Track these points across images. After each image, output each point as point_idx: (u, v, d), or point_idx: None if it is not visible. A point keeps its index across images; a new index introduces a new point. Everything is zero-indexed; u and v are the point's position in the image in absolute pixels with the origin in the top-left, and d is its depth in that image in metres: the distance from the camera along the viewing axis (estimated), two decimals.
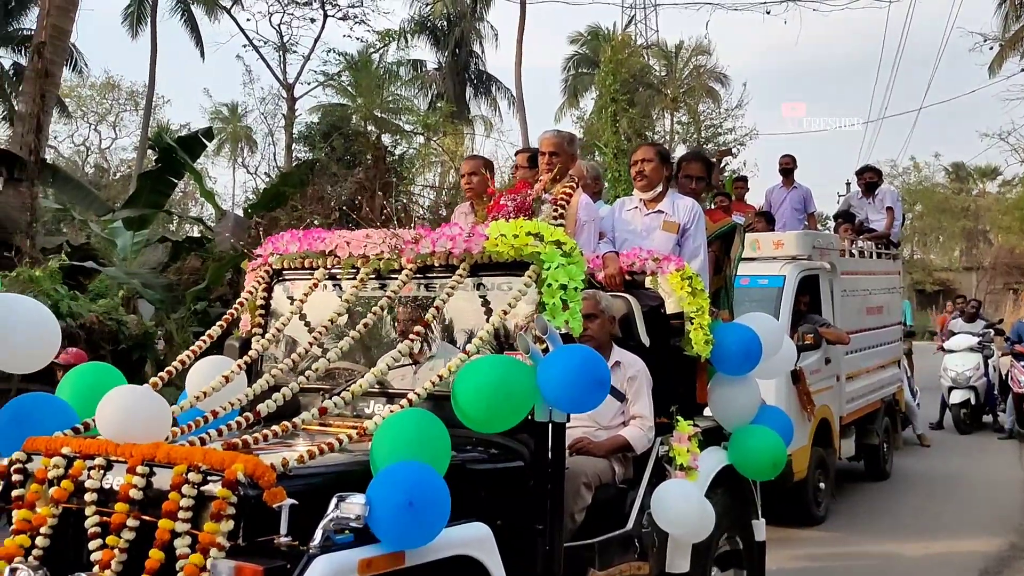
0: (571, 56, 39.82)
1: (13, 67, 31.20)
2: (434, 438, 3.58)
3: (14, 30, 30.72)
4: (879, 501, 9.29)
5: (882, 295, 10.28)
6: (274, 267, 5.03)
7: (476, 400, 3.86)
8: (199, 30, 32.90)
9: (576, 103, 39.06)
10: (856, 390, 9.19)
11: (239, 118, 37.99)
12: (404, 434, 3.55)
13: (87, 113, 35.50)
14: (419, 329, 4.34)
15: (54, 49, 13.97)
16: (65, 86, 31.20)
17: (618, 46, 33.07)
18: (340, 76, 34.76)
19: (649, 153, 5.71)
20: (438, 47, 37.04)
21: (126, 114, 36.08)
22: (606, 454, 4.88)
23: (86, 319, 9.46)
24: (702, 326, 5.13)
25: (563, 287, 4.31)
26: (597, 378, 3.92)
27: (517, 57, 32.56)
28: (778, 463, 5.34)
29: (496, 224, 4.52)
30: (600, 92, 32.55)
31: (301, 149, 32.02)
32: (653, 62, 38.14)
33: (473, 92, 38.56)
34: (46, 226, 20.94)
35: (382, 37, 34.40)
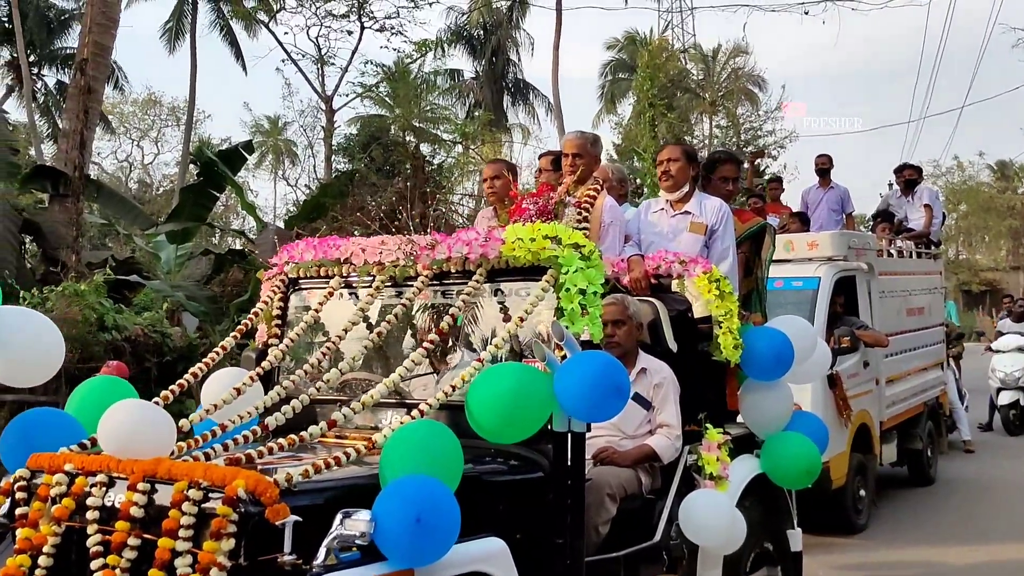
0: (608, 62, 39.62)
1: (57, 85, 31.65)
2: (445, 450, 3.42)
3: (57, 49, 31.16)
4: (923, 508, 8.96)
5: (923, 296, 9.95)
6: (290, 276, 4.90)
7: (490, 410, 3.71)
8: (239, 45, 33.12)
9: (614, 109, 38.92)
10: (897, 394, 8.88)
11: (279, 131, 38.20)
12: (413, 446, 3.39)
13: (130, 129, 35.96)
14: (433, 337, 4.19)
15: (96, 66, 14.15)
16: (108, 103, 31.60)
17: (655, 51, 32.89)
18: (378, 87, 34.86)
19: (675, 152, 5.51)
20: (475, 56, 36.97)
21: (168, 129, 36.54)
22: (632, 464, 4.69)
23: (131, 332, 9.51)
24: (731, 330, 4.94)
25: (582, 291, 4.14)
26: (616, 386, 3.74)
27: (554, 64, 32.42)
28: (812, 471, 5.12)
29: (513, 228, 4.36)
30: (638, 97, 32.36)
31: (341, 160, 32.16)
32: (690, 66, 37.90)
33: (511, 100, 38.44)
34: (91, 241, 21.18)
35: (419, 47, 34.49)
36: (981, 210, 45.51)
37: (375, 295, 4.53)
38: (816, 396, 7.18)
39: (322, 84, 34.33)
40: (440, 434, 3.45)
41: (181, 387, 4.27)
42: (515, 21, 37.05)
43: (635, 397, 4.82)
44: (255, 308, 4.81)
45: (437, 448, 3.40)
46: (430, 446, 3.38)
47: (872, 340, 7.97)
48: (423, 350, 4.13)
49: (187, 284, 13.04)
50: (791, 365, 5.07)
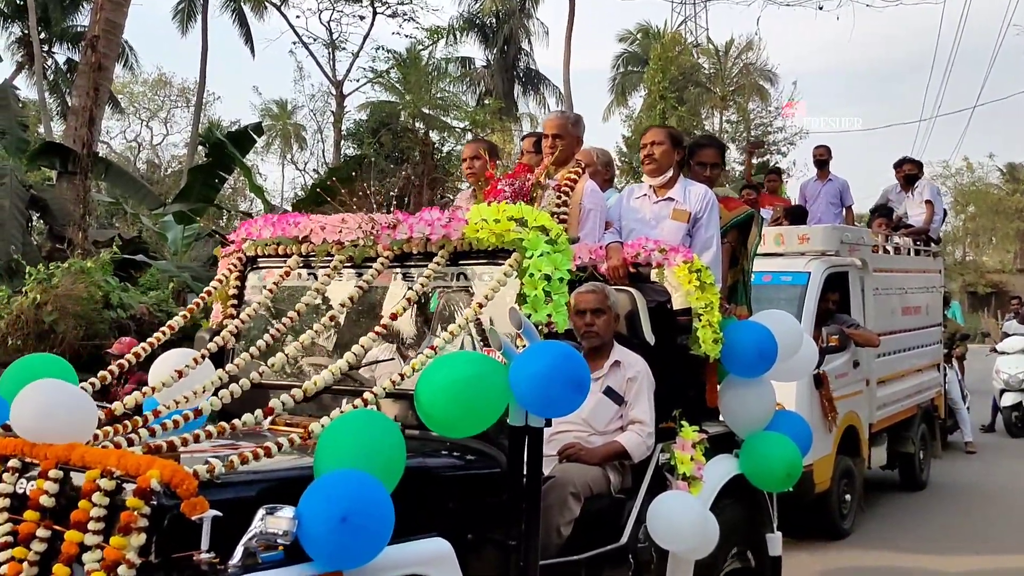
0: (620, 54, 39.28)
1: (67, 63, 31.41)
2: (382, 443, 3.10)
3: (68, 26, 30.86)
4: (911, 513, 8.62)
5: (920, 294, 9.58)
6: (247, 254, 4.61)
7: (439, 401, 3.41)
8: (249, 27, 32.83)
9: (624, 101, 38.65)
10: (888, 395, 8.53)
11: (288, 115, 37.90)
12: (347, 438, 3.08)
13: (139, 109, 35.62)
14: (386, 322, 3.89)
15: (107, 44, 14.09)
16: (117, 82, 31.34)
17: (668, 44, 32.58)
18: (389, 73, 34.59)
19: (659, 135, 5.19)
20: (487, 44, 36.70)
21: (177, 110, 36.22)
22: (600, 462, 4.38)
23: (136, 311, 9.43)
24: (711, 323, 4.62)
25: (547, 277, 3.84)
26: (573, 379, 3.42)
27: (566, 54, 32.17)
28: (793, 473, 4.82)
29: (477, 208, 4.06)
30: (649, 90, 32.11)
31: (350, 145, 31.97)
32: (702, 60, 37.56)
33: (521, 89, 38.14)
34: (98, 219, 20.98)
35: (431, 34, 34.23)
36: (989, 212, 44.98)
37: (332, 275, 4.25)
38: (801, 396, 6.86)
39: (333, 69, 34.16)
40: (379, 425, 3.15)
41: (121, 367, 4.00)
42: (528, 10, 36.77)
43: (607, 391, 4.54)
44: (208, 286, 4.52)
45: (374, 441, 3.08)
46: (366, 438, 3.07)
47: (863, 339, 7.63)
48: (374, 335, 3.83)
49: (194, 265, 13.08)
50: (774, 362, 4.77)
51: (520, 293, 3.83)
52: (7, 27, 31.04)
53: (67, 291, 8.90)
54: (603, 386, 4.54)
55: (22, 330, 8.72)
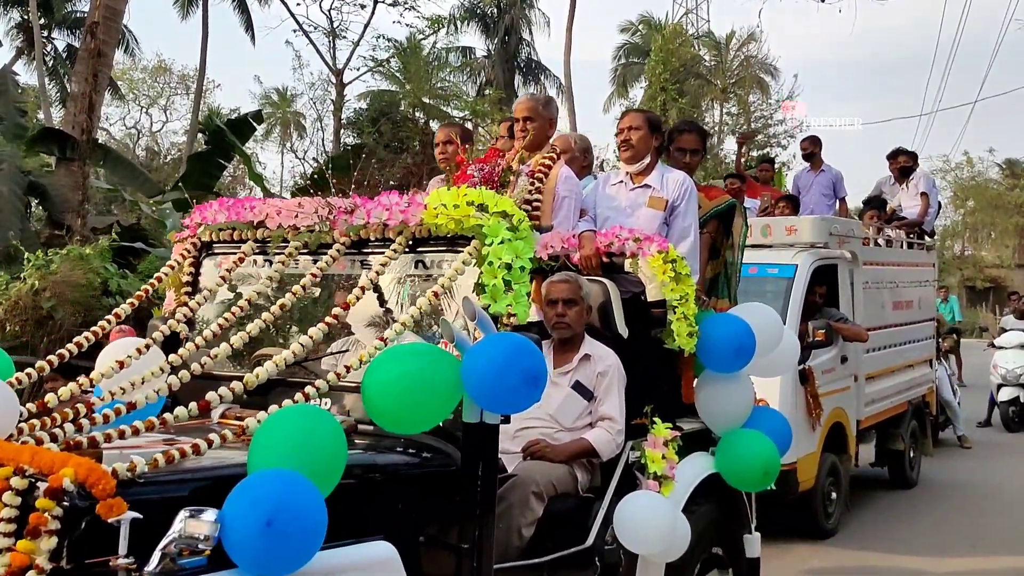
0: (621, 45, 38.97)
1: (67, 49, 31.19)
2: (320, 441, 2.88)
3: (68, 12, 30.63)
4: (900, 512, 8.38)
5: (912, 288, 9.32)
6: (202, 239, 4.39)
7: (386, 395, 3.20)
8: (250, 14, 32.56)
9: (625, 93, 38.37)
10: (877, 391, 8.28)
11: (288, 103, 37.63)
12: (281, 436, 2.86)
13: (139, 96, 35.31)
14: (337, 312, 3.66)
15: (107, 29, 13.96)
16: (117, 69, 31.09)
17: (669, 36, 32.32)
18: (389, 62, 34.36)
19: (636, 120, 4.95)
20: (487, 34, 36.42)
21: (177, 98, 35.91)
22: (566, 459, 4.16)
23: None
24: (686, 316, 4.39)
25: (507, 266, 3.61)
26: (528, 373, 3.20)
27: (566, 45, 31.95)
28: (770, 473, 4.60)
29: (437, 192, 3.83)
30: (650, 81, 31.86)
31: (349, 134, 31.75)
32: (703, 52, 37.29)
33: (522, 80, 37.81)
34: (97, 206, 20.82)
35: (432, 23, 34.00)
36: (989, 207, 44.66)
37: (287, 262, 4.02)
38: (785, 392, 6.62)
39: (333, 57, 33.88)
40: (316, 421, 2.92)
41: (61, 357, 3.77)
42: (529, 0, 36.42)
43: (576, 386, 4.33)
44: (159, 272, 4.30)
45: (310, 438, 2.86)
46: (301, 435, 2.85)
47: (850, 334, 7.38)
48: (324, 325, 3.60)
49: None
50: (751, 357, 4.55)
51: (478, 282, 3.61)
52: (7, 12, 30.82)
53: (65, 277, 8.83)
54: (572, 380, 4.33)
55: (20, 316, 8.65)
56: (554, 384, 4.32)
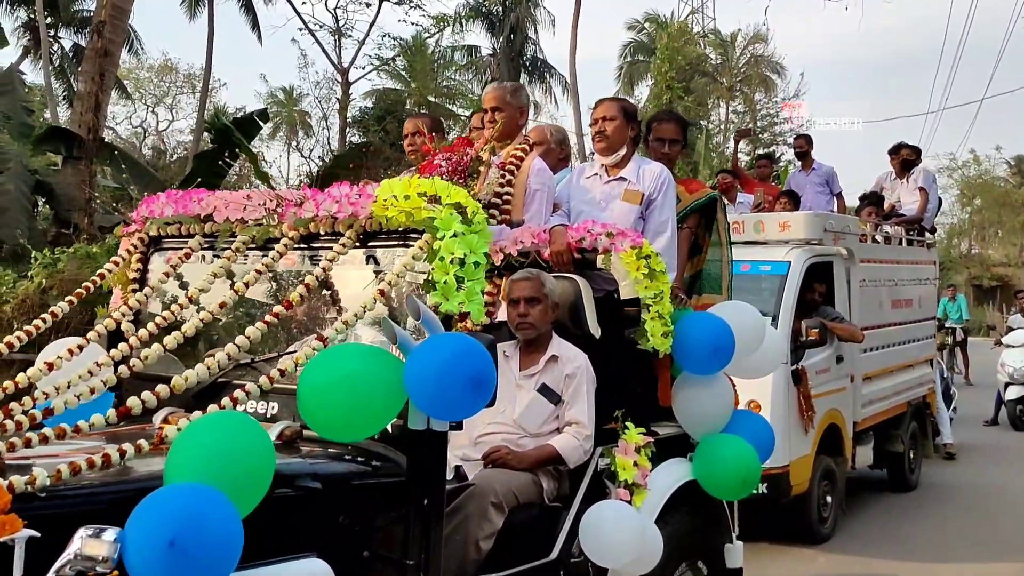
0: (628, 43, 38.65)
1: (74, 48, 31.07)
2: (241, 451, 2.62)
3: (75, 11, 30.49)
4: (899, 515, 8.06)
5: (912, 287, 9.01)
6: (150, 234, 4.14)
7: (321, 400, 2.96)
8: (256, 13, 32.36)
9: (631, 91, 38.05)
10: (875, 392, 7.97)
11: (294, 102, 37.45)
12: (198, 445, 2.61)
13: (145, 95, 35.18)
14: (278, 310, 3.41)
15: (113, 28, 13.95)
16: (124, 68, 30.96)
17: (675, 34, 32.08)
18: (394, 61, 34.20)
19: (611, 110, 4.68)
20: (493, 33, 36.10)
21: (183, 96, 35.75)
22: (530, 467, 3.91)
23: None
24: (661, 315, 4.12)
25: (460, 261, 3.35)
26: (473, 377, 2.94)
27: (572, 43, 31.68)
28: (749, 480, 4.34)
29: (387, 183, 3.57)
30: (656, 80, 31.59)
31: (355, 133, 31.55)
32: (709, 50, 37.02)
33: (528, 78, 37.44)
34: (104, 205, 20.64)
35: (437, 22, 33.81)
36: (996, 205, 44.17)
37: (232, 258, 3.78)
38: (777, 393, 6.35)
39: (339, 56, 33.70)
40: (237, 429, 2.67)
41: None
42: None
43: (542, 389, 4.08)
44: (101, 269, 4.05)
45: (230, 447, 2.61)
46: (219, 444, 2.59)
47: (846, 334, 7.09)
48: (264, 325, 3.35)
49: None
50: (730, 357, 4.29)
51: (427, 279, 3.35)
52: (14, 12, 30.65)
53: (73, 276, 8.80)
54: (538, 383, 4.07)
55: (27, 314, 8.54)
56: (519, 387, 4.09)
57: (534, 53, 37.08)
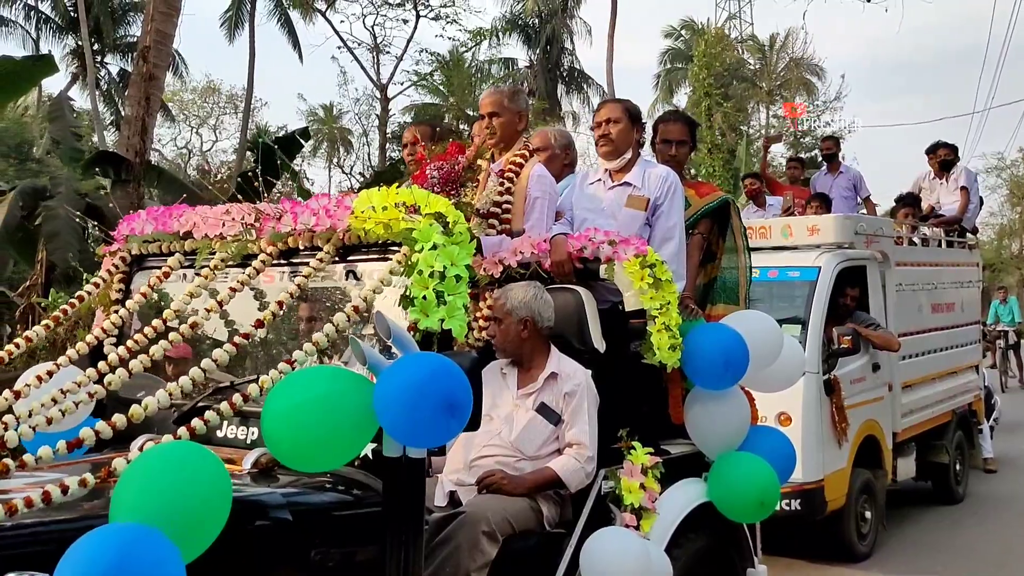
0: (665, 51, 38.33)
1: (120, 73, 31.49)
2: (190, 488, 2.40)
3: (120, 37, 30.94)
4: (944, 530, 7.66)
5: (953, 290, 8.58)
6: (133, 253, 3.97)
7: (284, 428, 2.72)
8: (296, 33, 32.62)
9: (670, 98, 37.75)
10: (916, 401, 7.58)
11: (334, 119, 37.60)
12: (143, 481, 2.39)
13: (189, 116, 35.55)
14: (248, 331, 3.20)
15: (158, 53, 14.08)
16: (168, 90, 31.26)
17: (711, 40, 31.75)
18: (432, 76, 34.22)
19: (616, 111, 4.42)
20: (529, 45, 36.06)
21: (226, 117, 36.04)
22: (527, 492, 3.65)
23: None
24: (668, 327, 3.85)
25: (440, 275, 3.12)
26: (447, 401, 2.69)
27: (608, 52, 31.53)
28: (767, 502, 4.05)
29: (367, 193, 3.36)
30: (693, 87, 31.25)
31: (395, 148, 31.54)
32: (747, 55, 36.56)
33: (565, 89, 37.35)
34: None
35: (474, 36, 33.81)
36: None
37: (210, 276, 3.58)
38: (809, 404, 6.01)
39: (377, 72, 33.81)
40: (187, 463, 2.44)
41: None
42: (570, 9, 35.99)
43: (541, 409, 3.81)
44: (80, 291, 3.88)
45: (177, 484, 2.38)
46: (165, 480, 2.37)
47: (881, 341, 6.71)
48: (232, 347, 3.14)
49: None
50: (743, 371, 4.01)
51: (403, 295, 3.12)
52: (62, 39, 31.20)
53: None
54: (536, 403, 3.81)
55: None
56: (517, 407, 3.83)
57: (571, 64, 36.94)
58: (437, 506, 3.67)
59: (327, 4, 32.45)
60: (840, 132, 32.56)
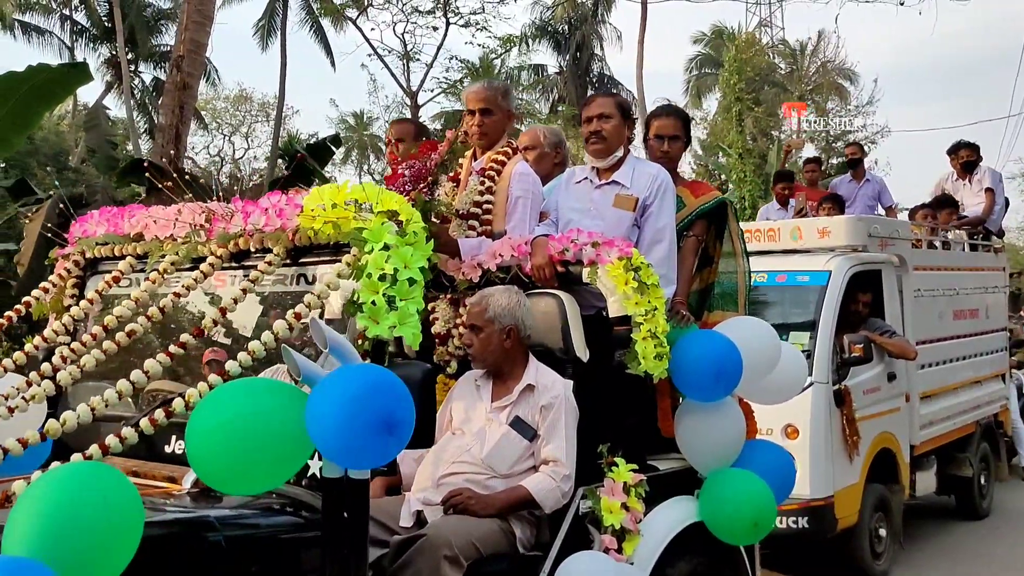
0: (693, 57, 37.88)
1: (154, 81, 31.61)
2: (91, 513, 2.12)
3: (154, 46, 31.03)
4: (967, 547, 7.22)
5: (977, 295, 8.11)
6: (87, 256, 3.72)
7: (207, 447, 2.44)
8: (328, 42, 32.59)
9: (699, 104, 37.30)
10: (936, 412, 7.15)
11: (364, 126, 37.48)
12: (37, 509, 2.11)
13: (221, 125, 35.57)
14: (185, 340, 2.92)
15: (191, 62, 14.12)
16: (201, 99, 31.31)
17: (742, 45, 31.32)
18: (462, 83, 34.01)
19: (608, 106, 4.09)
20: (559, 51, 35.80)
21: (258, 125, 36.02)
22: (497, 512, 3.34)
23: None
24: (654, 334, 3.53)
25: (392, 279, 2.83)
26: (381, 419, 2.41)
27: (638, 59, 31.15)
28: (762, 523, 3.73)
29: (318, 190, 3.08)
30: (724, 92, 30.82)
31: None
32: (778, 60, 36.03)
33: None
34: None
35: (503, 43, 33.57)
36: None
37: (157, 280, 3.32)
38: (817, 416, 5.64)
39: (407, 80, 33.63)
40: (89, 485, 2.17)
41: None
42: (600, 16, 35.70)
43: (515, 423, 3.50)
44: (29, 296, 3.62)
45: (75, 508, 2.10)
46: (61, 505, 2.10)
47: (896, 349, 6.30)
48: (166, 357, 2.87)
49: None
50: (736, 382, 3.71)
51: (349, 300, 2.84)
52: (97, 49, 31.37)
53: None
54: (510, 416, 3.51)
55: None
56: (490, 420, 3.52)
57: (601, 70, 36.62)
58: (402, 527, 3.37)
59: (358, 12, 32.38)
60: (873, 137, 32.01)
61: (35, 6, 29.55)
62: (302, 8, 33.23)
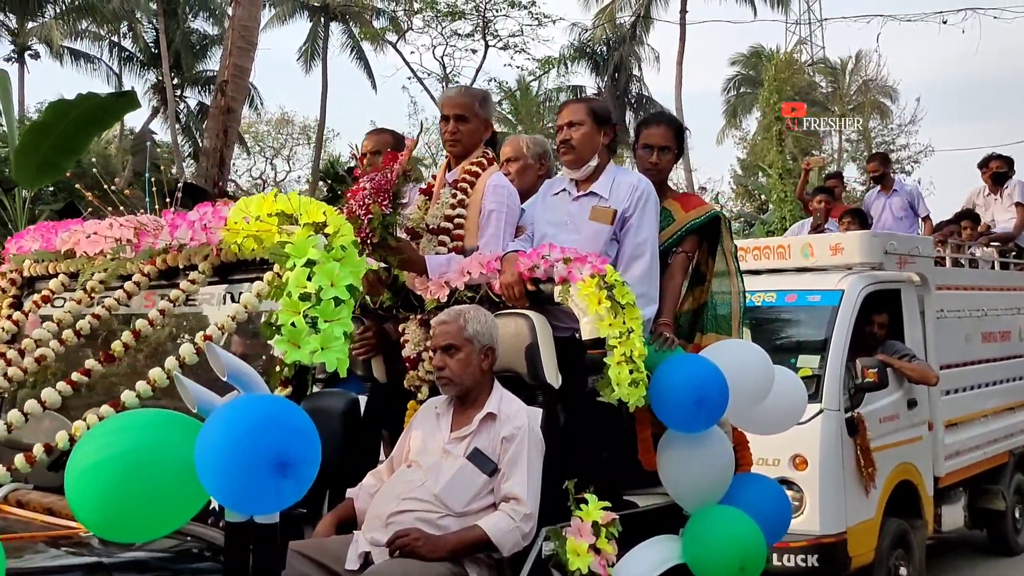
0: (732, 77, 37.42)
1: (198, 106, 31.89)
2: None
3: (198, 71, 31.34)
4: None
5: (1008, 316, 7.53)
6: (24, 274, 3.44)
7: (89, 489, 2.12)
8: (369, 65, 32.72)
9: (738, 124, 36.84)
10: (963, 441, 6.59)
11: None
12: None
13: (264, 148, 35.73)
14: (90, 366, 2.62)
15: (235, 87, 14.27)
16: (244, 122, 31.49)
17: (781, 64, 30.82)
18: (500, 105, 33.86)
19: (578, 113, 3.74)
20: (597, 72, 35.56)
21: (299, 147, 36.13)
22: (448, 555, 2.97)
23: None
24: (630, 358, 3.17)
25: (316, 298, 2.50)
26: (271, 459, 2.07)
27: (677, 79, 30.87)
28: (749, 567, 3.33)
29: (244, 201, 2.77)
30: (763, 111, 30.33)
31: None
32: (819, 78, 35.45)
33: (633, 115, 36.59)
34: None
35: (542, 64, 33.39)
36: None
37: (85, 300, 3.03)
38: (828, 446, 5.18)
39: None
40: None
41: None
42: (639, 37, 35.39)
43: (473, 455, 3.13)
44: None
45: None
46: None
47: (915, 374, 5.80)
48: (67, 385, 2.56)
49: None
50: (721, 411, 3.33)
51: (269, 321, 2.51)
52: (143, 74, 31.75)
53: None
54: (469, 448, 3.14)
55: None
56: (446, 453, 3.16)
57: (639, 90, 36.29)
58: (348, 570, 3.02)
59: (398, 36, 32.44)
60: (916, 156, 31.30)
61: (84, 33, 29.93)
62: (344, 32, 33.44)
